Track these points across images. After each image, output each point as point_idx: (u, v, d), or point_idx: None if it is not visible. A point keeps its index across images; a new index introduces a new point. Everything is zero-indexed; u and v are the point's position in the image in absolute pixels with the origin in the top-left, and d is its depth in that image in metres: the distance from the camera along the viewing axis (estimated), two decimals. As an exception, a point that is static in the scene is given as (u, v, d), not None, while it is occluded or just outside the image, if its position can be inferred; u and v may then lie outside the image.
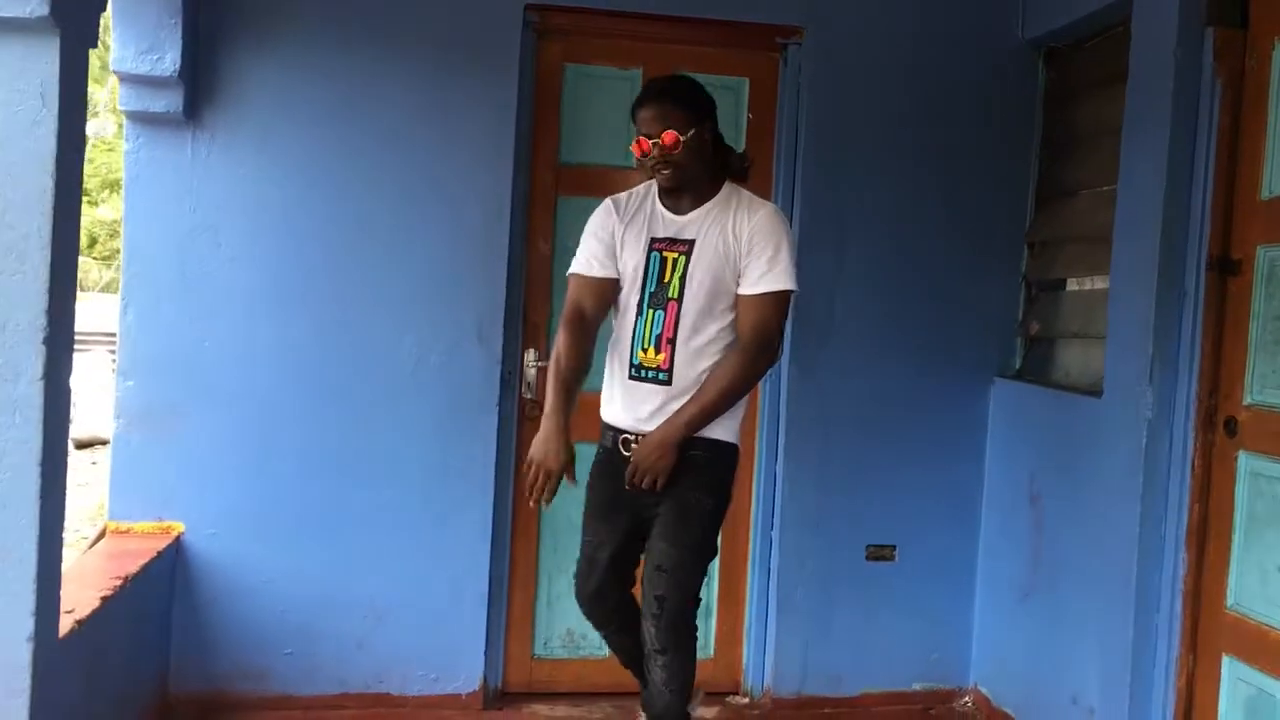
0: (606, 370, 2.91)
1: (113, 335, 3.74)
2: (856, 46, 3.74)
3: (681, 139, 2.68)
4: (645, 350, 2.78)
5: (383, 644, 3.59)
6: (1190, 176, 2.98)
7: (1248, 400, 2.86)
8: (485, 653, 3.66)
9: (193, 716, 3.41)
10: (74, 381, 2.49)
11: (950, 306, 3.84)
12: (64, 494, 2.44)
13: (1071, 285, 3.76)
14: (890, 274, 3.81)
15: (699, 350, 2.74)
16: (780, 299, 2.72)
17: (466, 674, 3.65)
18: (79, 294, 2.50)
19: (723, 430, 2.78)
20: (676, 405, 2.72)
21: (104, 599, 2.82)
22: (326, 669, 3.56)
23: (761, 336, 2.70)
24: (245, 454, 3.51)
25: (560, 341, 2.82)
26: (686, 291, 2.73)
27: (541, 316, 3.73)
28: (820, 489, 3.79)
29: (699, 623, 3.03)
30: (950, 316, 3.85)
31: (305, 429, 3.54)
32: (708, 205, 2.79)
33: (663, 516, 2.77)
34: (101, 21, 2.53)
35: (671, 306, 2.75)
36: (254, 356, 3.50)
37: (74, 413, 9.27)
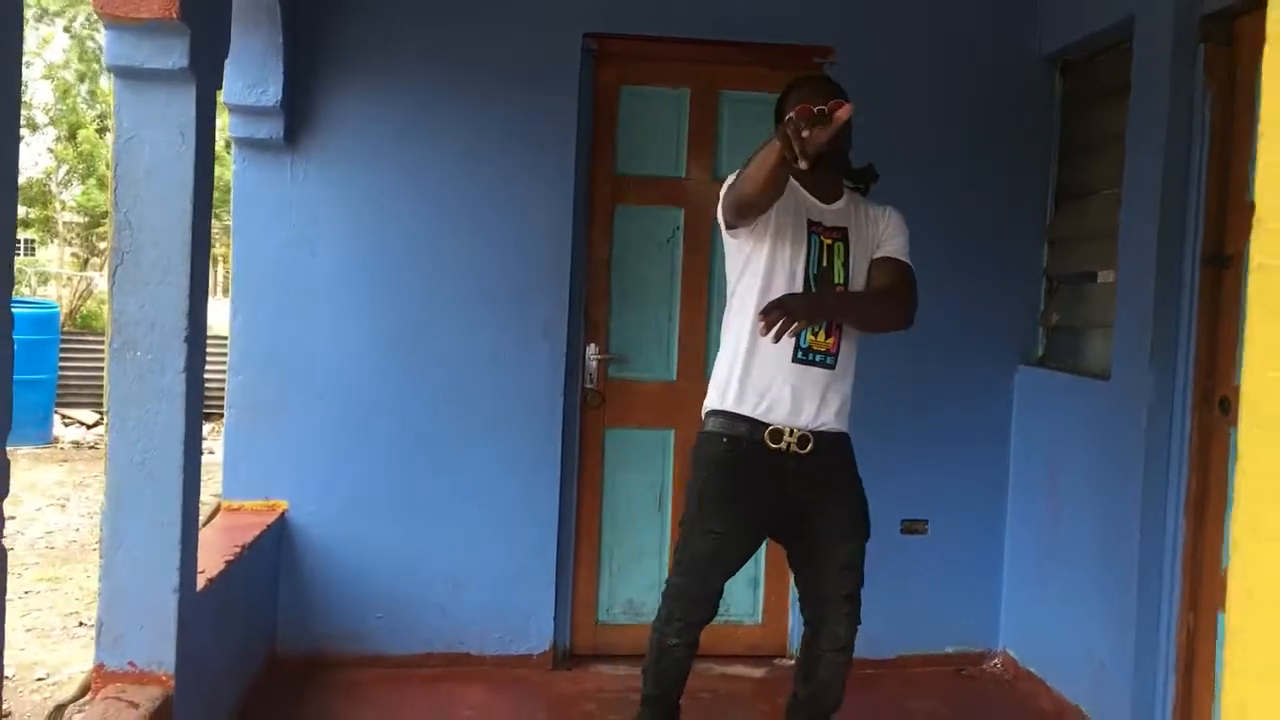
0: (738, 370, 2.78)
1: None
2: (885, 63, 4.08)
3: (846, 110, 2.37)
4: (816, 334, 2.74)
5: (462, 609, 4.00)
6: (1186, 179, 3.29)
7: (1239, 381, 3.16)
8: (554, 618, 4.06)
9: (297, 672, 3.84)
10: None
11: (977, 299, 4.16)
12: (199, 470, 2.88)
13: (1103, 278, 4.06)
14: (921, 270, 4.09)
15: (855, 338, 2.81)
16: (911, 272, 2.83)
17: (537, 637, 4.05)
18: None
19: (847, 421, 2.84)
20: (834, 391, 2.76)
21: (228, 562, 3.27)
22: (413, 631, 3.98)
23: (906, 288, 2.79)
24: (340, 440, 3.94)
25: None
26: (850, 279, 2.79)
27: (601, 314, 4.12)
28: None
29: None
30: (977, 308, 4.17)
31: (392, 418, 3.96)
32: (845, 199, 2.87)
33: (835, 516, 2.81)
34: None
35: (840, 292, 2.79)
36: (346, 354, 3.93)
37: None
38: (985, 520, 4.21)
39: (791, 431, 2.74)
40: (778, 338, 2.54)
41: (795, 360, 2.73)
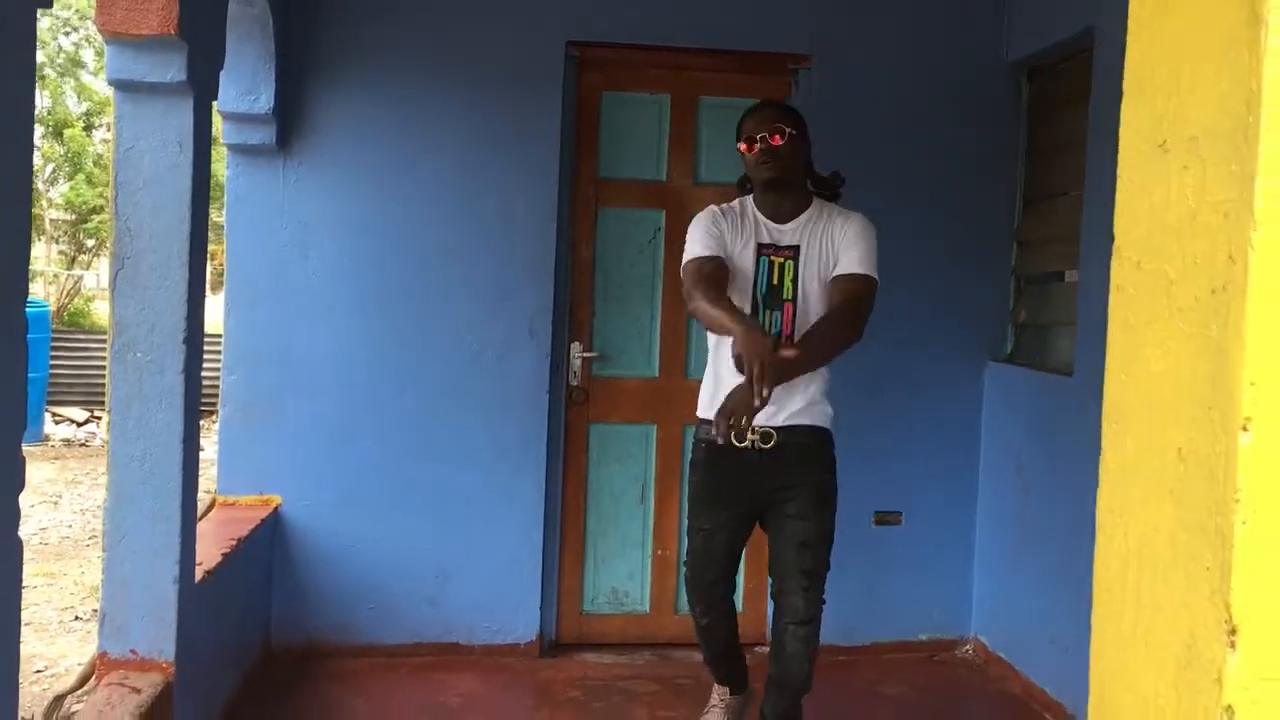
0: (711, 380, 3.06)
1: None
2: (858, 70, 4.21)
3: (784, 137, 2.96)
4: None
5: (451, 600, 4.13)
6: (1143, 183, 3.42)
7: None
8: (540, 608, 4.19)
9: (292, 662, 3.97)
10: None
11: (948, 298, 4.30)
12: (197, 466, 3.00)
13: (1069, 278, 4.20)
14: (894, 270, 4.23)
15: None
16: (869, 282, 2.97)
17: (524, 626, 4.18)
18: None
19: (822, 418, 3.04)
20: (795, 394, 2.95)
21: (224, 555, 3.39)
22: (403, 622, 4.10)
23: (857, 305, 2.92)
24: (332, 436, 4.06)
25: (705, 289, 2.86)
26: (799, 293, 2.99)
27: (585, 314, 4.25)
28: (833, 462, 4.27)
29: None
30: (948, 307, 4.31)
31: (383, 414, 4.08)
32: (804, 215, 3.05)
33: (798, 500, 2.98)
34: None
35: (788, 307, 3.00)
36: (338, 352, 4.06)
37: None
38: (956, 512, 4.35)
39: (754, 430, 2.92)
40: (740, 438, 2.86)
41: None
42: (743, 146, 3.02)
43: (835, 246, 3.02)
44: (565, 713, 3.74)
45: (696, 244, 3.00)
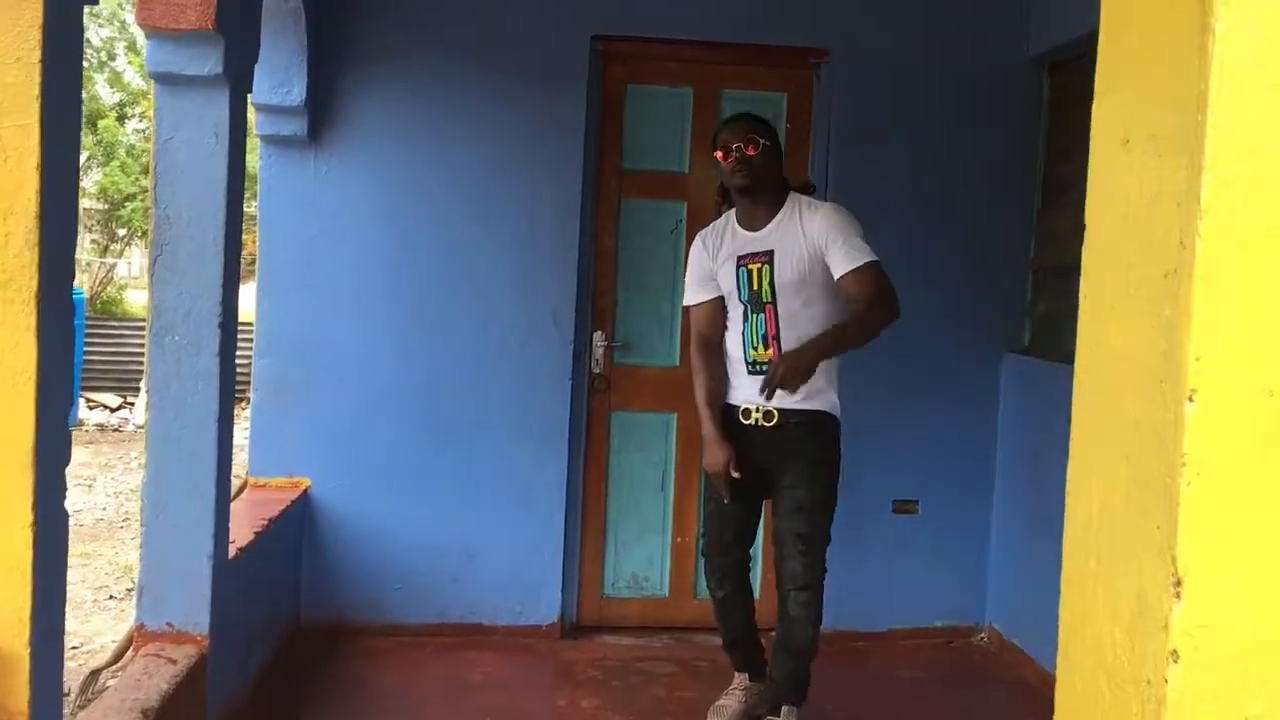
0: (726, 369, 3.35)
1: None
2: (879, 63, 4.27)
3: (757, 147, 3.19)
4: (755, 348, 3.25)
5: (475, 581, 4.23)
6: (1158, 177, 3.47)
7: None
8: (562, 591, 4.28)
9: (320, 639, 4.08)
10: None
11: (966, 290, 4.36)
12: (231, 446, 3.10)
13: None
14: (913, 263, 4.30)
15: (799, 341, 3.14)
16: (873, 267, 3.11)
17: (546, 608, 4.27)
18: None
19: (825, 404, 3.26)
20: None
21: (256, 533, 3.50)
22: (428, 601, 4.20)
23: (876, 296, 3.08)
24: (361, 420, 4.17)
25: (700, 369, 3.33)
26: (778, 294, 3.21)
27: (607, 303, 4.33)
28: (852, 450, 4.31)
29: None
30: (966, 299, 4.36)
31: (409, 399, 4.18)
32: (777, 218, 3.25)
33: (793, 471, 3.21)
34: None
35: (769, 309, 3.23)
36: (366, 339, 4.16)
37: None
38: (973, 501, 4.41)
39: (758, 409, 3.25)
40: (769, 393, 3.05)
41: (749, 373, 3.27)
42: (719, 155, 3.25)
43: (812, 239, 3.18)
44: (585, 691, 3.83)
45: (690, 288, 3.40)
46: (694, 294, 3.38)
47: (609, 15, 4.20)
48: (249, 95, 3.18)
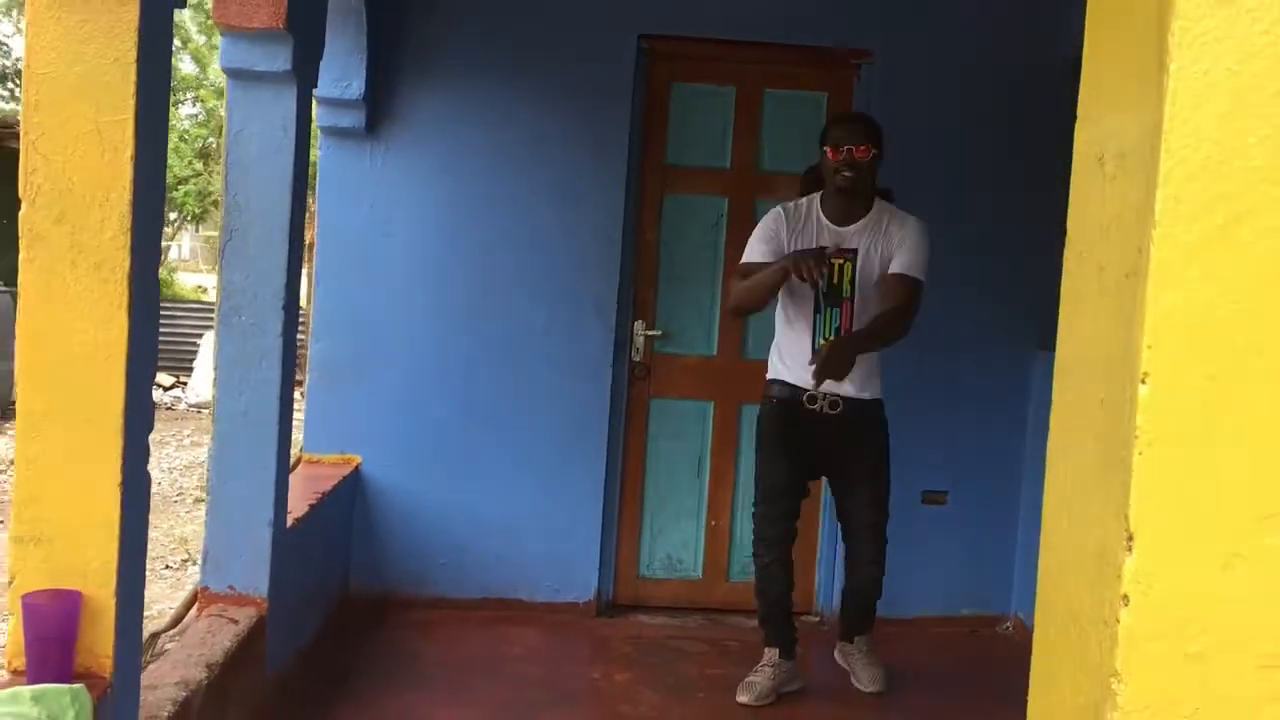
0: (784, 349, 3.57)
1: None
2: (919, 64, 4.38)
3: (867, 153, 3.41)
4: (827, 339, 3.39)
5: (516, 559, 4.40)
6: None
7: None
8: (599, 570, 4.45)
9: (368, 609, 4.26)
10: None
11: (1003, 289, 4.46)
12: (291, 421, 3.29)
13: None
14: (951, 259, 4.41)
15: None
16: (917, 285, 3.40)
17: (583, 586, 4.43)
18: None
19: (878, 391, 3.59)
20: (854, 372, 3.40)
21: (310, 506, 3.69)
22: (472, 577, 4.38)
23: (905, 304, 3.38)
24: (410, 402, 4.35)
25: (738, 281, 3.53)
26: (857, 293, 3.38)
27: (649, 294, 4.48)
28: (883, 442, 4.46)
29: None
30: (1003, 296, 4.47)
31: (457, 383, 4.36)
32: (865, 219, 3.47)
33: (860, 462, 3.59)
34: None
35: (845, 305, 3.39)
36: (418, 324, 4.33)
37: (193, 379, 10.30)
38: (1002, 493, 4.52)
39: (824, 396, 3.50)
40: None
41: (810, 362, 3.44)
42: (829, 151, 3.42)
43: (891, 247, 3.41)
44: (619, 666, 3.99)
45: (752, 249, 3.51)
46: (757, 253, 3.49)
47: (656, 15, 4.35)
48: (313, 90, 3.36)
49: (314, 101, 4.04)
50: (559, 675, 3.91)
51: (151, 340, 2.15)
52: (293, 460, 4.30)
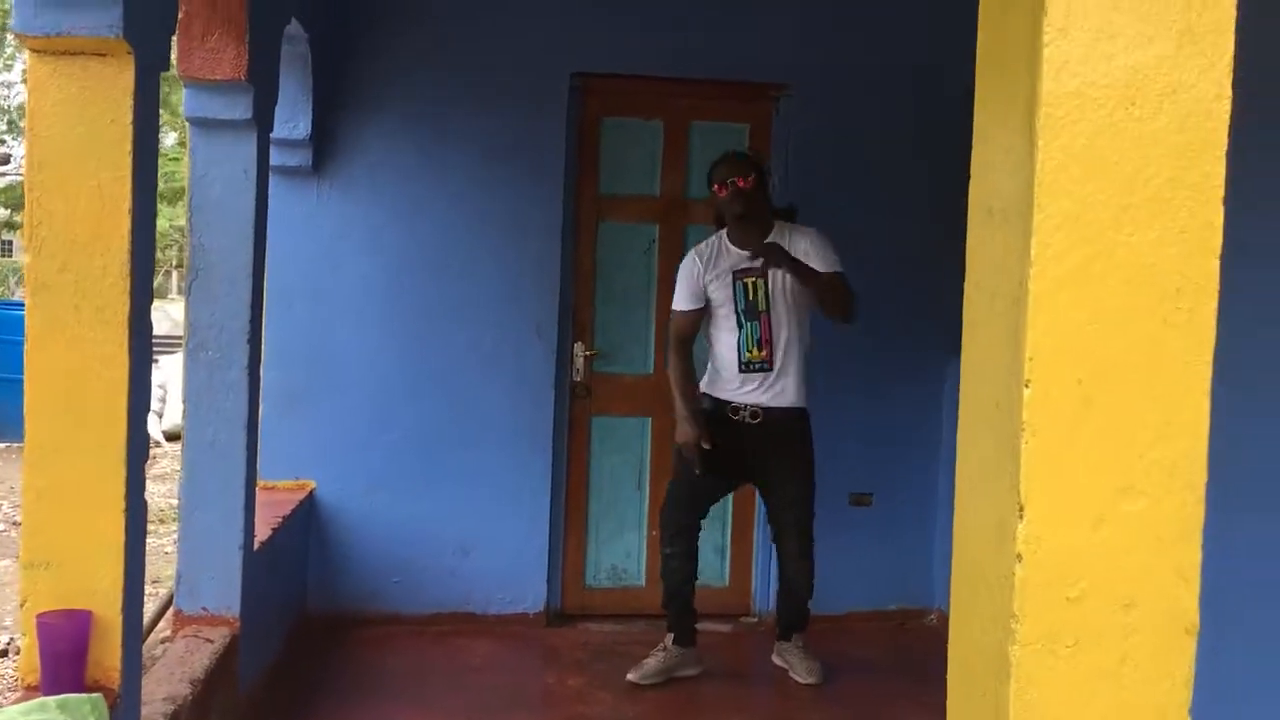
0: (712, 367, 3.98)
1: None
2: (834, 95, 4.69)
3: (748, 180, 3.80)
4: (751, 350, 3.87)
5: (468, 573, 4.59)
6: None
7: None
8: (548, 581, 4.65)
9: (325, 628, 4.42)
10: (166, 380, 3.47)
11: (917, 301, 4.76)
12: (256, 450, 3.45)
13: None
14: (868, 275, 4.68)
15: (787, 344, 3.88)
16: (842, 275, 3.79)
17: (533, 598, 4.64)
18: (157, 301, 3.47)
19: (802, 400, 3.94)
20: (776, 382, 3.86)
21: (273, 530, 3.85)
22: (425, 593, 4.56)
23: (846, 289, 3.78)
24: (360, 427, 4.52)
25: (678, 364, 3.94)
26: (771, 306, 3.85)
27: (587, 316, 4.71)
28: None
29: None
30: (916, 309, 4.77)
31: (406, 407, 4.54)
32: (768, 239, 3.82)
33: (785, 466, 3.91)
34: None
35: (763, 318, 3.86)
36: (366, 351, 4.52)
37: (166, 408, 10.30)
38: (922, 493, 4.83)
39: (746, 406, 3.87)
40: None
41: (741, 372, 3.89)
42: (716, 189, 3.84)
43: (801, 259, 3.73)
44: (571, 671, 4.20)
45: (680, 296, 3.95)
46: (684, 302, 3.95)
47: (587, 54, 4.60)
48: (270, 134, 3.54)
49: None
50: (515, 682, 4.11)
51: (146, 375, 2.33)
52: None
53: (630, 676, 3.99)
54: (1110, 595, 1.18)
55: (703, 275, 3.91)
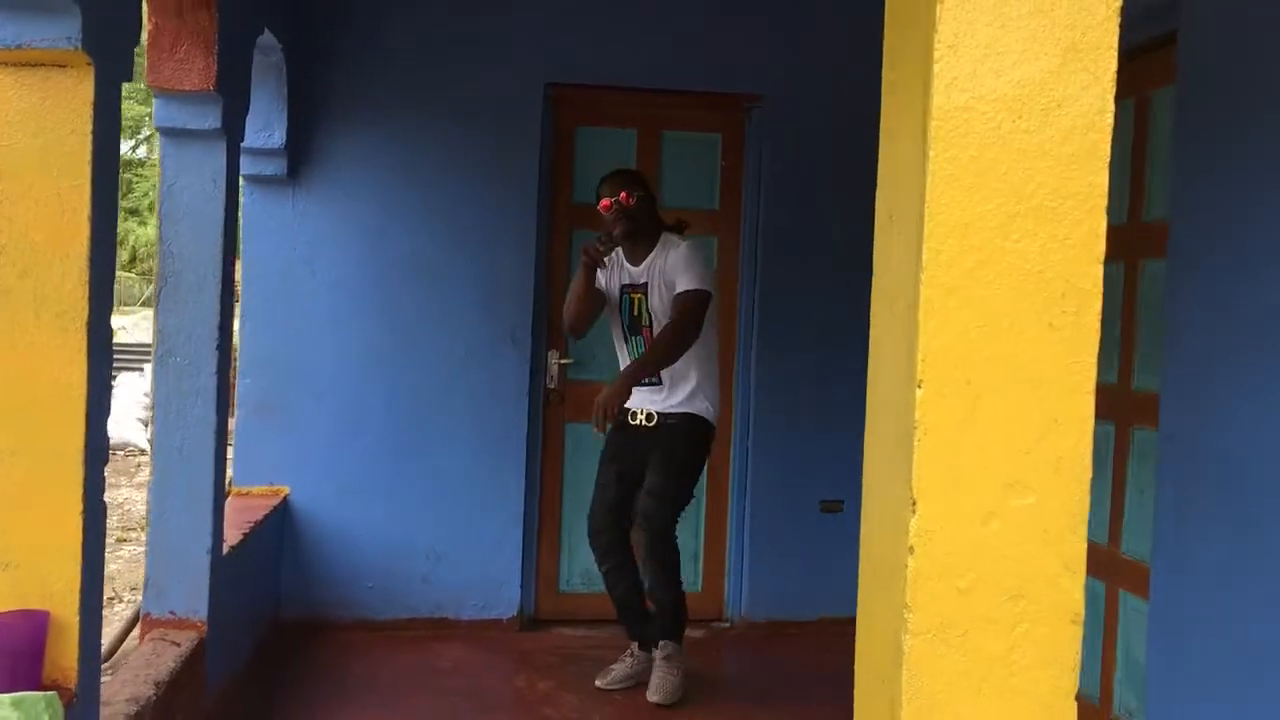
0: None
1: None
2: (804, 106, 4.75)
3: (632, 198, 3.89)
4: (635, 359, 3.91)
5: (442, 580, 4.63)
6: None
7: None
8: (521, 587, 4.70)
9: (299, 633, 4.46)
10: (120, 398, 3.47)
11: (885, 310, 4.83)
12: (226, 455, 3.50)
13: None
14: (839, 285, 4.79)
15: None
16: (695, 295, 3.78)
17: (507, 603, 4.68)
18: (127, 309, 3.54)
19: (697, 408, 3.91)
20: (670, 396, 3.89)
21: (244, 535, 3.89)
22: (399, 599, 4.60)
23: (682, 317, 3.77)
24: (335, 433, 4.57)
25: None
26: (654, 320, 3.91)
27: (561, 325, 4.76)
28: (783, 457, 4.80)
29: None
30: (885, 318, 4.83)
31: (381, 413, 4.59)
32: (651, 256, 3.94)
33: (658, 458, 3.88)
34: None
35: (646, 332, 3.94)
36: (341, 359, 4.56)
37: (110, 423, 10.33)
38: (893, 500, 4.87)
39: (642, 411, 3.96)
40: (604, 427, 3.77)
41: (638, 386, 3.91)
42: (603, 206, 3.92)
43: (667, 274, 3.84)
44: (541, 675, 4.24)
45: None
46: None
47: (561, 64, 4.65)
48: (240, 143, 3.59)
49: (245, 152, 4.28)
50: (485, 686, 4.15)
51: (106, 380, 2.38)
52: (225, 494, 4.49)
53: (598, 683, 4.04)
54: (999, 586, 1.24)
55: (607, 278, 4.00)
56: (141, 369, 12.44)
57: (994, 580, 1.24)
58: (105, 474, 2.41)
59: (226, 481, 3.91)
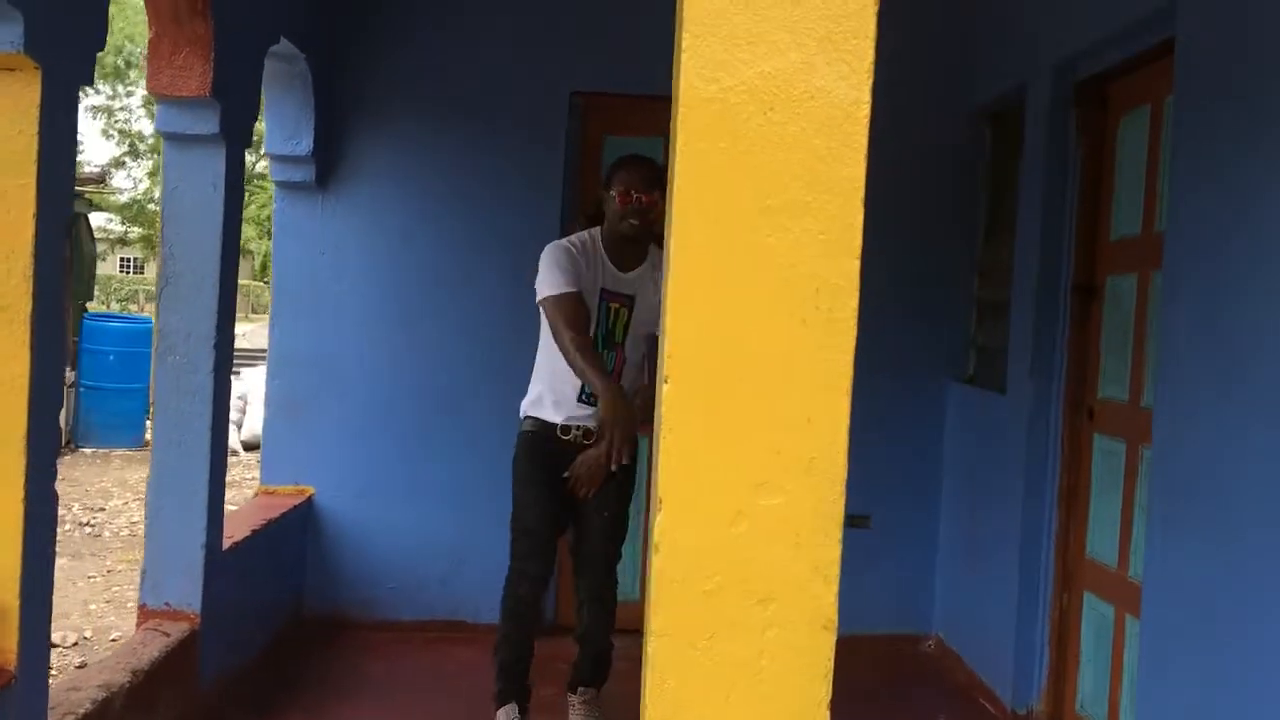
0: (548, 383, 3.55)
1: (265, 346, 4.92)
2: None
3: (654, 200, 3.29)
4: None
5: (461, 582, 4.67)
6: (1060, 222, 3.83)
7: (1100, 394, 3.70)
8: (540, 593, 4.70)
9: (320, 629, 4.55)
10: (247, 391, 3.60)
11: (919, 323, 4.72)
12: (225, 450, 3.59)
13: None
14: (870, 297, 4.66)
15: (633, 379, 3.49)
16: None
17: (525, 608, 4.69)
18: (256, 316, 3.65)
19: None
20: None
21: (253, 531, 3.99)
22: (418, 600, 4.66)
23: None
24: (362, 435, 4.66)
25: (575, 335, 3.27)
26: (628, 338, 3.46)
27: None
28: (807, 469, 4.70)
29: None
30: (919, 331, 4.73)
31: (405, 416, 4.67)
32: (643, 265, 3.46)
33: (611, 488, 3.53)
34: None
35: (619, 350, 3.47)
36: (367, 361, 4.65)
37: (245, 419, 10.65)
38: (921, 518, 4.75)
39: (578, 427, 3.50)
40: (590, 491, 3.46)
41: (578, 400, 3.48)
42: (618, 196, 3.32)
43: (659, 294, 3.44)
44: (556, 681, 4.23)
45: (557, 277, 3.33)
46: (568, 282, 3.32)
47: (587, 73, 4.68)
48: (248, 149, 3.71)
49: (268, 158, 4.42)
50: (486, 690, 4.16)
51: (55, 373, 2.47)
52: (252, 492, 4.62)
53: None
54: (747, 590, 1.20)
55: (580, 267, 3.37)
56: (238, 372, 12.86)
57: (742, 583, 1.20)
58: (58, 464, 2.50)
59: (226, 479, 4.02)
